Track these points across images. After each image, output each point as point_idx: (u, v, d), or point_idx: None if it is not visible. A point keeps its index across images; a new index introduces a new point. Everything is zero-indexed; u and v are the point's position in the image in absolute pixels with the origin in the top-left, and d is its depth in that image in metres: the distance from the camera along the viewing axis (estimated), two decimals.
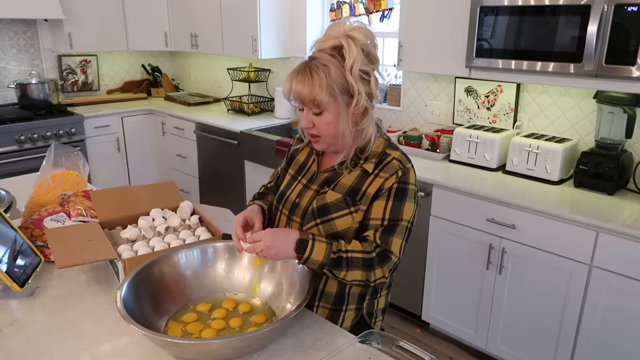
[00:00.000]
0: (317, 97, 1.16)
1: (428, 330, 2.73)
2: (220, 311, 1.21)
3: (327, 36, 1.21)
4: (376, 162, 1.25)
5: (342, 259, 1.16)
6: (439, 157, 2.72)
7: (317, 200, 1.27)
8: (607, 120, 2.23)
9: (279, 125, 3.63)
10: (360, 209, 1.23)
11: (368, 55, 1.20)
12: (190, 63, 4.82)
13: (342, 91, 1.18)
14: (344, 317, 1.32)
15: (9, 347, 1.13)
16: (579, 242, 1.99)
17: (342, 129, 1.21)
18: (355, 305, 1.32)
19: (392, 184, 1.21)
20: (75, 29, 3.95)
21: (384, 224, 1.20)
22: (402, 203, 1.21)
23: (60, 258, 1.28)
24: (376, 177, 1.23)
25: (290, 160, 1.43)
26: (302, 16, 3.62)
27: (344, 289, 1.30)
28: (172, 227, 1.51)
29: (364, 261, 1.17)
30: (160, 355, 1.09)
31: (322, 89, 1.15)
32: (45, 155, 1.82)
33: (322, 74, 1.15)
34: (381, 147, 1.27)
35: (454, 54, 2.47)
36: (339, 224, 1.23)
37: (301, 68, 1.19)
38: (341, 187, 1.25)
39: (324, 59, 1.17)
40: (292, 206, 1.32)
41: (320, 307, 1.31)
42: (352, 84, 1.17)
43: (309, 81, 1.16)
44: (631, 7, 1.83)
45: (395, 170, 1.22)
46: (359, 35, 1.17)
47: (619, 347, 1.97)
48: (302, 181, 1.34)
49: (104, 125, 4.01)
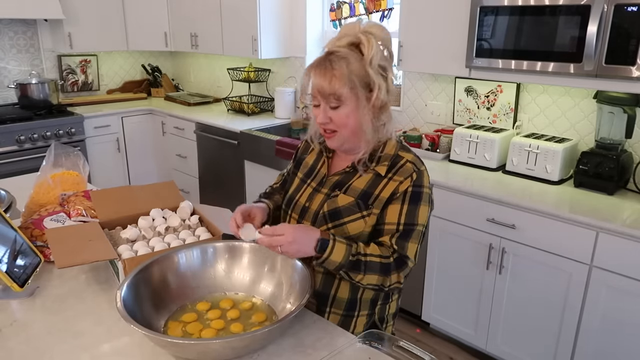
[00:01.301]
0: (338, 90, 1.14)
1: (428, 330, 2.73)
2: (219, 311, 1.21)
3: (343, 34, 1.19)
4: (389, 165, 1.22)
5: (361, 262, 1.14)
6: (439, 157, 2.72)
7: (328, 204, 1.25)
8: (607, 120, 2.23)
9: (279, 125, 3.63)
10: (373, 212, 1.20)
11: (385, 51, 1.18)
12: (190, 63, 4.82)
13: (362, 85, 1.16)
14: (356, 323, 1.30)
15: (9, 347, 1.13)
16: (579, 242, 1.99)
17: (363, 122, 1.18)
18: (367, 311, 1.30)
19: (406, 188, 1.19)
20: (75, 29, 3.95)
21: (400, 228, 1.19)
22: (417, 207, 1.20)
23: (60, 258, 1.28)
24: (390, 181, 1.21)
25: (298, 164, 1.40)
26: (302, 16, 3.62)
27: (356, 295, 1.27)
28: (172, 227, 1.51)
29: (382, 266, 1.16)
30: (160, 355, 1.09)
31: (344, 81, 1.13)
32: (45, 155, 1.82)
33: (343, 65, 1.13)
34: (393, 150, 1.25)
35: (454, 54, 2.47)
36: (351, 228, 1.21)
37: (320, 61, 1.16)
38: (353, 191, 1.23)
39: (343, 52, 1.15)
40: (302, 210, 1.30)
41: (332, 313, 1.29)
42: (372, 77, 1.15)
43: (329, 73, 1.14)
44: (631, 7, 1.83)
45: (410, 173, 1.20)
46: (377, 31, 1.17)
47: (619, 347, 1.97)
48: (311, 184, 1.32)
49: (104, 125, 4.01)
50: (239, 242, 1.34)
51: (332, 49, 1.18)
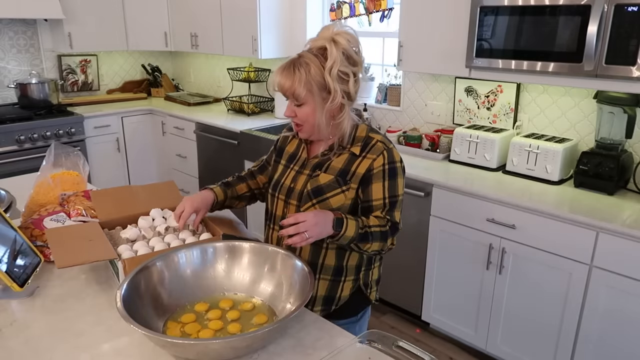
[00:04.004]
0: (296, 91, 1.31)
1: (428, 330, 2.74)
2: (220, 311, 1.21)
3: (319, 37, 1.35)
4: (362, 145, 1.39)
5: (368, 233, 1.32)
6: (439, 157, 2.72)
7: (311, 182, 1.40)
8: (607, 121, 2.23)
9: (279, 125, 3.63)
10: (351, 187, 1.37)
11: (349, 59, 1.32)
12: (190, 63, 4.82)
13: (319, 88, 1.32)
14: (343, 287, 1.45)
15: (9, 347, 1.13)
16: (579, 242, 1.99)
17: (318, 121, 1.35)
18: (353, 277, 1.45)
19: (381, 164, 1.36)
20: (75, 29, 3.95)
21: (386, 202, 1.37)
22: (396, 181, 1.38)
23: (60, 258, 1.28)
24: (364, 159, 1.37)
25: (280, 153, 1.55)
26: (302, 16, 3.62)
27: (341, 262, 1.42)
28: (172, 227, 1.51)
29: (382, 234, 1.35)
30: (160, 355, 1.09)
31: (301, 84, 1.30)
32: (45, 155, 1.82)
33: (303, 71, 1.30)
34: (364, 132, 1.41)
35: (454, 54, 2.47)
36: (334, 202, 1.37)
37: (287, 64, 1.33)
38: (332, 169, 1.39)
39: (307, 57, 1.31)
40: (288, 191, 1.44)
41: (320, 279, 1.43)
42: (329, 83, 1.30)
43: (290, 76, 1.31)
44: (631, 7, 1.83)
45: (381, 151, 1.37)
46: (342, 40, 1.30)
47: (619, 347, 1.97)
48: (294, 168, 1.47)
49: (104, 125, 4.01)
50: (239, 242, 1.35)
51: (301, 53, 1.35)
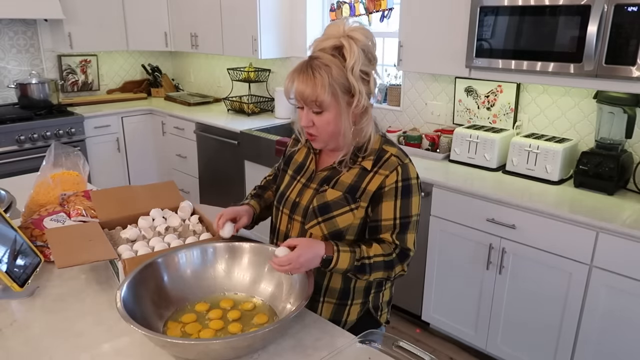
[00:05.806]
0: (319, 97, 1.17)
1: (428, 330, 2.73)
2: (220, 311, 1.21)
3: (327, 36, 1.21)
4: (374, 160, 1.26)
5: (366, 265, 1.20)
6: (439, 157, 2.72)
7: (317, 198, 1.29)
8: (607, 121, 2.23)
9: (279, 125, 3.63)
10: (361, 205, 1.25)
11: (368, 56, 1.20)
12: (190, 63, 4.82)
13: (343, 91, 1.18)
14: (349, 312, 1.34)
15: (9, 347, 1.13)
16: (579, 242, 1.99)
17: (343, 128, 1.22)
18: (361, 300, 1.34)
19: (394, 181, 1.23)
20: (75, 29, 3.95)
21: (397, 223, 1.24)
22: (410, 200, 1.25)
23: (60, 258, 1.28)
24: (376, 174, 1.25)
25: (288, 161, 1.44)
26: (302, 16, 3.62)
27: (348, 284, 1.32)
28: (172, 227, 1.51)
29: (385, 263, 1.22)
30: (160, 355, 1.09)
31: (325, 89, 1.16)
32: (45, 155, 1.82)
33: (324, 74, 1.16)
34: (378, 144, 1.28)
35: (454, 54, 2.47)
36: (341, 221, 1.25)
37: (303, 67, 1.19)
38: (341, 185, 1.27)
39: (325, 58, 1.17)
40: (293, 205, 1.34)
41: (325, 302, 1.33)
42: (353, 84, 1.18)
43: (311, 81, 1.16)
44: (631, 7, 1.83)
45: (395, 166, 1.24)
46: (360, 36, 1.18)
47: (618, 347, 1.97)
48: (301, 180, 1.36)
49: (104, 125, 4.01)
50: (239, 243, 1.35)
51: (314, 54, 1.21)
